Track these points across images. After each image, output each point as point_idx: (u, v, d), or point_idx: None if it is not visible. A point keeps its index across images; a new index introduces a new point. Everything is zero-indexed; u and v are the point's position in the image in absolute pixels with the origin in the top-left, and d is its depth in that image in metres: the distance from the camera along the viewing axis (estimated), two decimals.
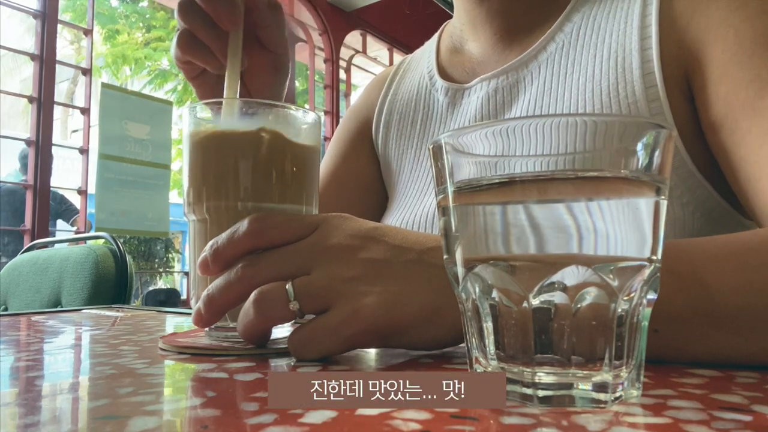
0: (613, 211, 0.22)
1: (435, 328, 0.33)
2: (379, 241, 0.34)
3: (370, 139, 0.75)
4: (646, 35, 0.51)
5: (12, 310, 1.47)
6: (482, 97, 0.61)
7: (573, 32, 0.57)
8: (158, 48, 9.18)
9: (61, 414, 0.23)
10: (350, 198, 0.73)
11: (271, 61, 0.53)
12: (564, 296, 0.22)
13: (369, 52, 4.74)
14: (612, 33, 0.54)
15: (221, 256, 0.36)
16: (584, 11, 0.57)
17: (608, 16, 0.55)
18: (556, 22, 0.58)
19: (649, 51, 0.50)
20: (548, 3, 0.60)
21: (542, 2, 0.61)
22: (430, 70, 0.70)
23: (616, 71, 0.52)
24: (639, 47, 0.51)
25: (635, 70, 0.51)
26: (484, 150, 0.23)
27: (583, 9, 0.57)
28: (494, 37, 0.63)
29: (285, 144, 0.41)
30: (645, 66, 0.50)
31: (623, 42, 0.52)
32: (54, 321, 0.61)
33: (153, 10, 9.22)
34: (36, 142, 2.60)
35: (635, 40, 0.51)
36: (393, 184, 0.71)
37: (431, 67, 0.70)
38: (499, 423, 0.21)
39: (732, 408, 0.22)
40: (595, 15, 0.56)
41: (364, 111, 0.76)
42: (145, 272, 7.03)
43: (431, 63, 0.70)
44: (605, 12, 0.55)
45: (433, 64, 0.70)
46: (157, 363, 0.33)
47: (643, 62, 0.51)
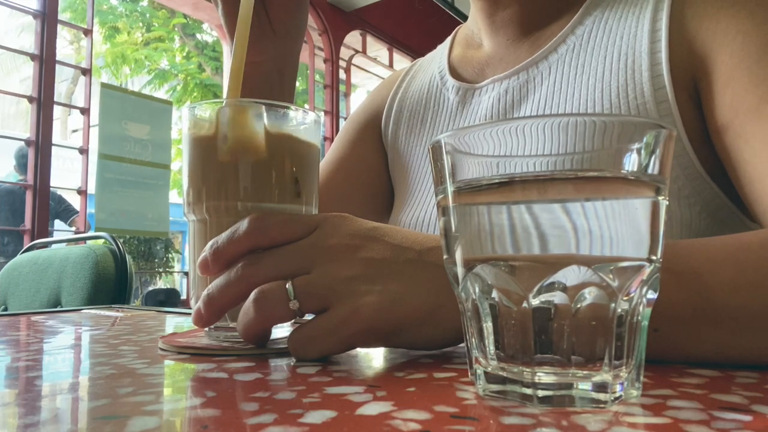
0: (613, 211, 0.22)
1: (435, 328, 0.33)
2: (378, 241, 0.34)
3: (379, 132, 0.76)
4: (656, 38, 0.52)
5: (12, 310, 1.47)
6: (493, 98, 0.62)
7: (584, 35, 0.57)
8: (158, 48, 9.18)
9: (61, 414, 0.23)
10: (355, 184, 0.74)
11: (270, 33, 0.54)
12: (564, 296, 0.22)
13: (369, 52, 4.74)
14: (623, 36, 0.54)
15: (221, 255, 0.36)
16: (596, 15, 0.58)
17: (619, 20, 0.55)
18: (569, 24, 0.59)
19: (659, 54, 0.51)
20: (561, 7, 0.61)
21: (555, 7, 0.61)
22: (441, 69, 0.71)
23: (626, 73, 0.52)
24: (649, 50, 0.52)
25: (644, 72, 0.51)
26: (484, 150, 0.23)
27: (595, 12, 0.58)
28: (507, 41, 0.64)
29: (285, 144, 0.41)
30: (654, 68, 0.51)
31: (633, 45, 0.53)
32: (54, 321, 0.61)
33: (153, 10, 9.21)
34: (36, 142, 2.60)
35: (645, 43, 0.52)
36: (401, 180, 0.72)
37: (443, 66, 0.71)
38: (499, 423, 0.21)
39: (732, 408, 0.22)
40: (606, 18, 0.57)
41: (374, 106, 0.78)
42: (145, 272, 7.03)
43: (443, 63, 0.71)
44: (617, 16, 0.56)
45: (445, 64, 0.71)
46: (156, 363, 0.33)
47: (653, 65, 0.51)
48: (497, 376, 0.23)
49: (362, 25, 4.38)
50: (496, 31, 0.64)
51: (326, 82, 4.17)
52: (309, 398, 0.24)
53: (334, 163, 0.75)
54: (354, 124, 0.78)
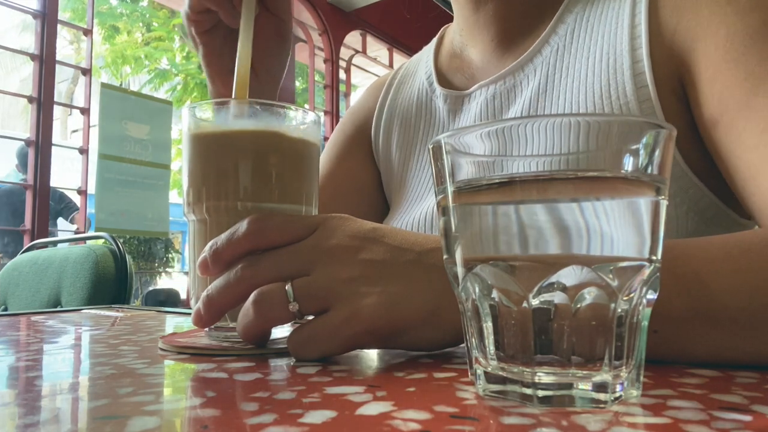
0: (613, 211, 0.22)
1: (434, 329, 0.33)
2: (378, 242, 0.34)
3: (368, 143, 0.74)
4: (636, 35, 0.51)
5: (12, 310, 1.47)
6: (481, 104, 0.61)
7: (567, 34, 0.57)
8: (158, 47, 9.18)
9: (61, 414, 0.23)
10: (346, 201, 0.72)
11: (275, 27, 0.54)
12: (564, 296, 0.22)
13: (369, 52, 4.74)
14: (604, 34, 0.53)
15: (221, 256, 0.36)
16: (577, 11, 0.57)
17: (600, 17, 0.55)
18: (550, 24, 0.58)
19: (639, 51, 0.50)
20: (543, 5, 0.60)
21: (537, 5, 0.60)
22: (429, 76, 0.69)
23: (608, 73, 0.52)
24: (629, 47, 0.51)
25: (626, 71, 0.50)
26: (484, 150, 0.23)
27: (576, 9, 0.57)
28: (492, 42, 0.63)
29: (285, 144, 0.41)
30: (635, 66, 0.50)
31: (614, 43, 0.52)
32: (54, 321, 0.61)
33: (153, 10, 9.21)
34: (36, 142, 2.60)
35: (626, 41, 0.51)
36: (395, 190, 0.70)
37: (430, 72, 0.69)
38: (499, 423, 0.21)
39: (732, 408, 0.22)
40: (587, 16, 0.56)
41: (362, 116, 0.76)
42: (145, 272, 7.03)
43: (429, 68, 0.70)
44: (597, 12, 0.55)
45: (432, 69, 0.69)
46: (156, 363, 0.33)
47: (634, 62, 0.50)
48: (497, 376, 0.23)
49: (362, 25, 4.38)
50: (480, 30, 0.63)
51: (326, 82, 4.16)
52: (309, 398, 0.24)
53: (323, 180, 0.73)
54: (341, 136, 0.76)
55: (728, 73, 0.44)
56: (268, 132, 0.41)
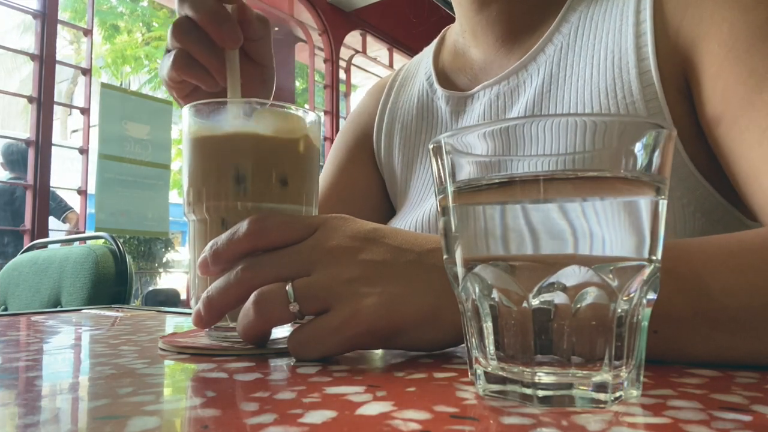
0: (613, 211, 0.22)
1: (435, 330, 0.33)
2: (379, 243, 0.34)
3: (370, 149, 0.74)
4: (641, 32, 0.50)
5: (12, 310, 1.47)
6: (485, 104, 0.61)
7: (571, 33, 0.56)
8: (158, 47, 9.18)
9: (61, 414, 0.23)
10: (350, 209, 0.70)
11: (259, 74, 0.54)
12: (564, 296, 0.22)
13: (369, 52, 4.74)
14: (608, 32, 0.53)
15: (221, 256, 0.36)
16: (581, 10, 0.56)
17: (604, 15, 0.54)
18: (554, 22, 0.58)
19: (645, 49, 0.50)
20: (546, 4, 0.60)
21: (540, 4, 0.60)
22: (429, 77, 0.69)
23: (613, 72, 0.51)
24: (635, 45, 0.50)
25: (631, 70, 0.50)
26: (484, 150, 0.23)
27: (580, 8, 0.57)
28: (496, 43, 0.62)
29: (285, 144, 0.41)
30: (641, 65, 0.50)
31: (619, 41, 0.52)
32: (54, 321, 0.61)
33: (153, 10, 9.21)
34: (36, 142, 2.60)
35: (631, 39, 0.51)
36: (398, 193, 0.70)
37: (429, 74, 0.69)
38: (499, 423, 0.21)
39: (732, 408, 0.22)
40: (591, 14, 0.55)
41: (362, 122, 0.75)
42: (145, 272, 7.02)
43: (429, 70, 0.69)
44: (602, 11, 0.55)
45: (431, 71, 0.69)
46: (156, 363, 0.33)
47: (639, 61, 0.50)
48: (497, 376, 0.23)
49: (362, 25, 4.37)
50: (483, 30, 0.63)
51: (326, 82, 4.16)
52: (309, 398, 0.24)
53: (327, 189, 0.73)
54: (343, 145, 0.76)
55: (731, 70, 0.44)
56: (269, 132, 0.41)
